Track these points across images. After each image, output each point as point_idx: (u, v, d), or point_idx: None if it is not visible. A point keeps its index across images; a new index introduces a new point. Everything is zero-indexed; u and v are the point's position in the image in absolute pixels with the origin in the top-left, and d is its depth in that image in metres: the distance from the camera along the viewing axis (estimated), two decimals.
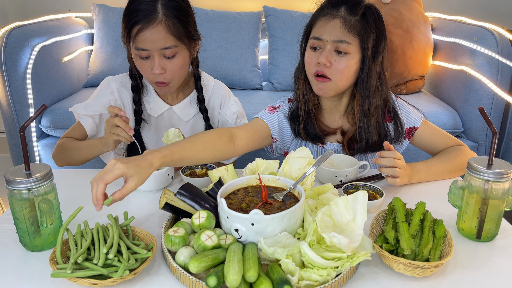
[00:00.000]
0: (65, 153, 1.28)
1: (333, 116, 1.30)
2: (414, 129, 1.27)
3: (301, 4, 2.78)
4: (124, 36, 1.19)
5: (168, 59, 1.19)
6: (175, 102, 1.37)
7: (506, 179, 0.87)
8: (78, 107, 1.30)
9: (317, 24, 1.17)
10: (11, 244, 0.90)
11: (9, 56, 2.01)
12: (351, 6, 1.13)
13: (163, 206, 0.91)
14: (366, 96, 1.19)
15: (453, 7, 2.77)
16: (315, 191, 1.00)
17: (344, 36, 1.13)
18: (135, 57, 1.20)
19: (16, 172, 0.84)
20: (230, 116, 1.41)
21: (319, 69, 1.16)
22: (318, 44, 1.16)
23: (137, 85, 1.32)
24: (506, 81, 2.10)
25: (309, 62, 1.19)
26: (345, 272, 0.76)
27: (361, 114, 1.22)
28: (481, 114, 0.90)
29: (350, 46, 1.13)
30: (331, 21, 1.13)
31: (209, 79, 1.43)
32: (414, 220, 0.87)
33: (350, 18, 1.13)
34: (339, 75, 1.16)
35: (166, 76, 1.21)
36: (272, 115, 1.30)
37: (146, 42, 1.15)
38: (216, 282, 0.72)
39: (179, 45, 1.19)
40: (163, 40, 1.15)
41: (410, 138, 1.28)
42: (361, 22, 1.13)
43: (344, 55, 1.14)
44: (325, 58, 1.14)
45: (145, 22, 1.13)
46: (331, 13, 1.14)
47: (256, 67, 2.55)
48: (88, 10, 2.69)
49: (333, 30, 1.13)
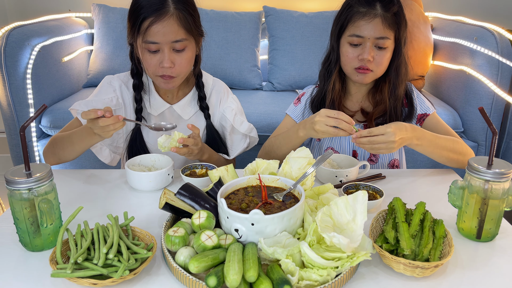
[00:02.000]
0: (57, 146, 1.24)
1: (356, 98, 1.39)
2: (426, 115, 1.34)
3: (301, 4, 2.78)
4: (131, 32, 1.19)
5: (177, 53, 1.20)
6: (175, 100, 1.37)
7: (506, 179, 0.87)
8: (78, 104, 1.29)
9: (356, 22, 1.24)
10: (11, 244, 0.90)
11: (9, 56, 2.01)
12: (386, 3, 1.22)
13: (163, 206, 0.91)
14: (398, 82, 1.30)
15: (453, 7, 2.77)
16: (315, 191, 1.00)
17: (384, 33, 1.22)
18: (142, 51, 1.20)
19: (16, 172, 0.84)
20: (229, 113, 1.41)
21: (362, 64, 1.26)
22: (359, 41, 1.24)
23: (139, 83, 1.32)
24: (506, 81, 2.10)
25: (350, 58, 1.27)
26: (345, 272, 0.76)
27: (392, 98, 1.31)
28: (481, 114, 0.90)
29: (388, 40, 1.24)
30: (373, 20, 1.22)
31: (208, 77, 1.43)
32: (414, 220, 0.87)
33: (387, 14, 1.22)
34: (380, 67, 1.27)
35: (174, 70, 1.21)
36: (296, 107, 1.43)
37: (157, 35, 1.15)
38: (216, 282, 0.72)
39: (189, 38, 1.20)
40: (175, 33, 1.16)
41: (422, 124, 1.34)
42: (395, 17, 1.24)
43: (384, 49, 1.25)
44: (369, 54, 1.23)
45: (157, 15, 1.14)
46: (370, 12, 1.22)
47: (256, 67, 2.55)
48: (88, 10, 2.69)
49: (374, 28, 1.22)
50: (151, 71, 1.23)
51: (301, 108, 1.41)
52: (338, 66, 1.33)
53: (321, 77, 1.39)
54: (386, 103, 1.31)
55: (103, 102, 1.28)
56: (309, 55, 2.50)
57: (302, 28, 2.51)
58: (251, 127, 1.42)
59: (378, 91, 1.33)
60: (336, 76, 1.34)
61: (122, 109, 1.33)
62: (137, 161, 1.20)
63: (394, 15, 1.23)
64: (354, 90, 1.38)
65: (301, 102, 1.43)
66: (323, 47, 2.49)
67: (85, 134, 1.17)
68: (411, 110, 1.35)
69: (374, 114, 1.33)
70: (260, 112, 2.19)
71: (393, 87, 1.31)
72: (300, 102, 1.43)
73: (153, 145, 1.37)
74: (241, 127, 1.40)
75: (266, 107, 2.24)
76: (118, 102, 1.31)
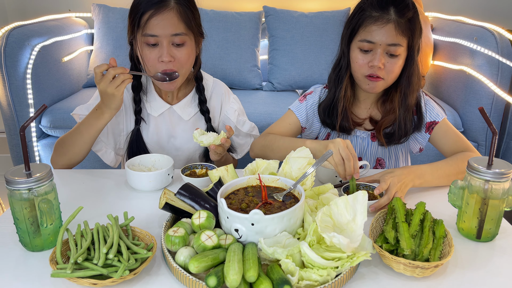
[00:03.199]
0: (64, 146, 1.24)
1: (365, 105, 1.34)
2: (435, 123, 1.29)
3: (301, 4, 2.78)
4: (131, 27, 1.20)
5: (176, 48, 1.20)
6: (175, 101, 1.37)
7: (506, 179, 0.87)
8: (80, 109, 1.29)
9: (368, 27, 1.17)
10: (11, 244, 0.89)
11: (9, 56, 2.01)
12: (400, 8, 1.15)
13: (163, 206, 0.91)
14: (409, 91, 1.24)
15: (453, 7, 2.77)
16: (315, 191, 1.00)
17: (397, 40, 1.16)
18: (142, 46, 1.20)
19: (16, 172, 0.84)
20: (232, 114, 1.42)
21: (372, 71, 1.19)
22: (369, 47, 1.18)
23: (137, 84, 1.32)
24: (506, 81, 2.10)
25: (360, 64, 1.21)
26: (345, 272, 0.76)
27: (402, 108, 1.26)
28: (481, 114, 0.90)
29: (400, 47, 1.17)
30: (385, 26, 1.15)
31: (208, 78, 1.43)
32: (414, 220, 0.87)
33: (401, 20, 1.15)
34: (391, 75, 1.21)
35: (174, 64, 1.21)
36: (301, 105, 1.37)
37: (156, 28, 1.16)
38: (216, 282, 0.72)
39: (188, 34, 1.21)
40: (175, 26, 1.17)
41: (431, 132, 1.30)
42: (410, 23, 1.17)
43: (396, 57, 1.18)
44: (380, 61, 1.17)
45: (157, 8, 1.15)
46: (383, 16, 1.15)
47: (256, 67, 2.55)
48: (88, 10, 2.69)
49: (386, 34, 1.15)
50: (150, 67, 1.22)
51: (305, 107, 1.36)
52: (349, 72, 1.27)
53: (331, 83, 1.32)
54: (395, 113, 1.26)
55: None
56: (309, 55, 2.51)
57: (302, 28, 2.52)
58: (252, 125, 1.44)
59: (388, 100, 1.28)
60: (347, 82, 1.28)
61: (123, 110, 1.33)
62: (137, 161, 1.20)
63: (409, 21, 1.16)
64: (363, 97, 1.33)
65: (307, 100, 1.37)
66: (323, 47, 2.52)
67: (92, 119, 1.19)
68: (420, 119, 1.29)
69: (383, 125, 1.28)
70: (260, 112, 2.19)
71: (403, 96, 1.25)
72: (306, 100, 1.37)
73: (152, 146, 1.37)
74: (243, 127, 1.41)
75: (266, 107, 2.24)
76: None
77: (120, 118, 1.33)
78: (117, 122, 1.34)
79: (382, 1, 1.16)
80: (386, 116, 1.29)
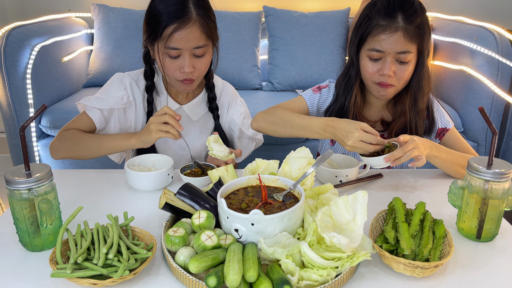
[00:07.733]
0: (75, 144, 1.24)
1: (376, 108, 1.34)
2: (446, 130, 1.30)
3: (301, 4, 2.78)
4: (150, 37, 1.20)
5: (197, 58, 1.21)
6: (185, 101, 1.38)
7: (506, 179, 0.87)
8: (88, 99, 1.28)
9: (377, 36, 1.15)
10: (11, 244, 0.90)
11: (9, 56, 2.01)
12: (409, 15, 1.13)
13: (163, 206, 0.91)
14: (420, 94, 1.24)
15: (453, 7, 2.77)
16: (315, 191, 1.00)
17: (406, 47, 1.14)
18: (163, 56, 1.20)
19: (16, 172, 0.84)
20: (238, 116, 1.42)
21: (382, 79, 1.18)
22: (379, 55, 1.17)
23: (151, 85, 1.32)
24: (506, 81, 2.10)
25: (370, 73, 1.20)
26: (345, 272, 0.76)
27: (413, 111, 1.25)
28: (481, 114, 0.90)
29: (410, 54, 1.16)
30: (394, 35, 1.13)
31: (217, 79, 1.44)
32: (414, 220, 0.87)
33: (409, 27, 1.13)
34: (401, 81, 1.20)
35: (194, 74, 1.22)
36: (314, 95, 1.35)
37: (180, 42, 1.16)
38: (216, 282, 0.72)
39: (209, 44, 1.22)
40: (197, 40, 1.17)
41: (441, 138, 1.30)
42: (419, 29, 1.15)
43: (406, 64, 1.17)
44: (390, 69, 1.16)
45: (181, 22, 1.14)
46: (391, 25, 1.13)
47: (256, 67, 2.55)
48: (88, 10, 2.70)
49: (396, 43, 1.14)
50: (171, 75, 1.24)
51: (318, 99, 1.34)
52: (359, 79, 1.26)
53: (340, 90, 1.30)
54: (406, 116, 1.26)
55: (114, 99, 1.28)
56: (309, 55, 2.50)
57: (302, 28, 2.52)
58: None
59: (399, 102, 1.27)
60: (357, 90, 1.27)
61: (133, 107, 1.32)
62: (137, 161, 1.20)
63: (418, 27, 1.14)
64: (374, 100, 1.32)
65: (322, 94, 1.34)
66: (323, 47, 2.52)
67: (120, 136, 1.22)
68: (431, 123, 1.29)
69: (394, 128, 1.28)
70: None
71: (414, 100, 1.25)
72: (320, 93, 1.34)
73: (160, 144, 1.37)
74: (248, 130, 1.42)
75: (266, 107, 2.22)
76: (129, 101, 1.31)
77: (129, 114, 1.33)
78: (126, 118, 1.33)
79: (389, 9, 1.14)
80: (398, 119, 1.28)
